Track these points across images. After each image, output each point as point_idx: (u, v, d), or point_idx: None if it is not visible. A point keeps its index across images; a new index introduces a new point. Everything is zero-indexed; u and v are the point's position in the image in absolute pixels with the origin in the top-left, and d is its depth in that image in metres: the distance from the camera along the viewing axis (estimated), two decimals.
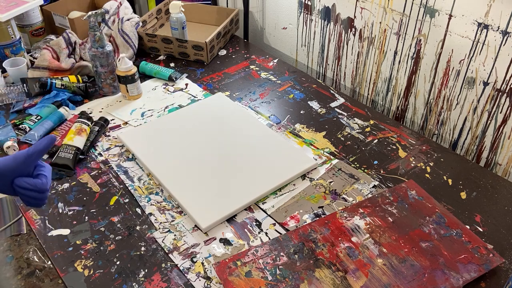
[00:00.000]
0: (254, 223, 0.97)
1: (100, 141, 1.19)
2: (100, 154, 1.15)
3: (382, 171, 1.10)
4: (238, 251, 0.90)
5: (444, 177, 1.08)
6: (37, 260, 1.60)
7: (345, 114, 1.30)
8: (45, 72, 1.37)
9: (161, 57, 1.58)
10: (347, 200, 1.02)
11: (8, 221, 1.89)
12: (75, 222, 0.97)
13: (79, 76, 1.39)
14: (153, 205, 1.01)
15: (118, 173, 1.09)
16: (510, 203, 1.01)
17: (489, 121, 1.17)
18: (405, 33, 1.27)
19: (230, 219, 0.98)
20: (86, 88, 1.35)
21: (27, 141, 1.17)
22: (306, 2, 1.52)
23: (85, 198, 1.03)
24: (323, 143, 1.19)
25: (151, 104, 1.34)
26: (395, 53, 1.33)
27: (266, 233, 0.94)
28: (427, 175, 1.09)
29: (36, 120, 1.22)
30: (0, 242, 1.80)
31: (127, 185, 1.06)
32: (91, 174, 1.09)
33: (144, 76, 1.46)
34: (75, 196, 1.03)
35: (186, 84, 1.43)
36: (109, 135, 1.22)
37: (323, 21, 1.50)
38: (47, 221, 0.97)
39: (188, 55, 1.54)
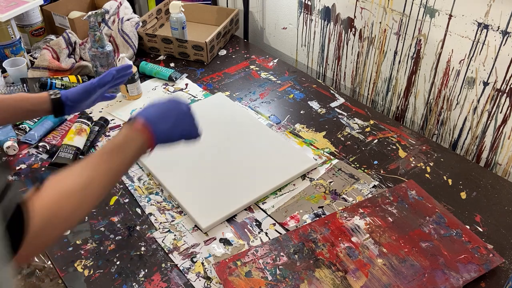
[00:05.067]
0: (254, 223, 0.97)
1: (100, 141, 1.19)
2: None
3: (382, 171, 1.10)
4: (238, 251, 0.90)
5: (444, 177, 1.08)
6: (37, 260, 1.60)
7: (345, 114, 1.30)
8: (45, 72, 1.37)
9: (161, 57, 1.58)
10: (347, 200, 1.02)
11: None
12: None
13: (79, 76, 1.39)
14: (153, 205, 1.01)
15: None
16: (510, 203, 1.01)
17: (489, 121, 1.17)
18: (405, 33, 1.27)
19: (230, 219, 0.98)
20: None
21: (27, 141, 1.17)
22: (306, 2, 1.52)
23: None
24: (323, 143, 1.19)
25: None
26: (395, 53, 1.33)
27: (266, 233, 0.94)
28: (427, 175, 1.09)
29: (36, 120, 1.22)
30: None
31: (127, 185, 1.06)
32: None
33: (144, 76, 1.46)
34: None
35: (186, 84, 1.43)
36: (109, 135, 1.22)
37: (323, 21, 1.50)
38: None
39: (188, 55, 1.54)
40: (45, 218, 0.53)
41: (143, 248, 0.92)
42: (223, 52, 1.61)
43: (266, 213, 0.99)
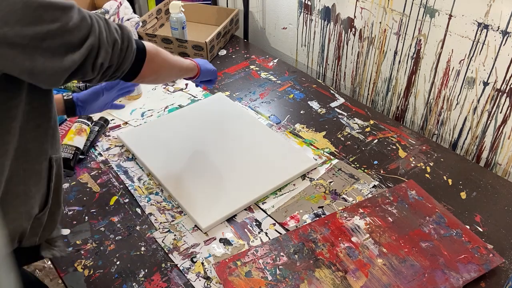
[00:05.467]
0: (254, 223, 0.97)
1: (100, 141, 1.19)
2: (100, 154, 1.15)
3: (382, 171, 1.10)
4: (238, 251, 0.90)
5: (444, 177, 1.08)
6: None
7: (345, 114, 1.30)
8: None
9: None
10: (347, 200, 1.02)
11: None
12: (75, 222, 0.97)
13: None
14: (153, 205, 1.01)
15: (118, 173, 1.09)
16: (510, 203, 1.01)
17: (489, 121, 1.17)
18: (405, 33, 1.27)
19: (230, 219, 0.98)
20: (86, 88, 1.35)
21: None
22: (306, 2, 1.52)
23: (85, 198, 1.03)
24: (323, 143, 1.19)
25: (151, 104, 1.34)
26: (395, 53, 1.33)
27: (266, 233, 0.94)
28: (427, 175, 1.09)
29: None
30: None
31: (127, 185, 1.06)
32: (91, 174, 1.09)
33: None
34: (75, 196, 1.03)
35: (186, 84, 1.43)
36: (109, 135, 1.22)
37: (323, 21, 1.50)
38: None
39: (188, 55, 1.54)
40: (153, 52, 0.78)
41: (143, 248, 0.92)
42: (223, 52, 1.61)
43: (266, 213, 0.99)
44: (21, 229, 0.68)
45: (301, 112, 1.31)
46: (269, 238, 0.93)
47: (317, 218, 0.97)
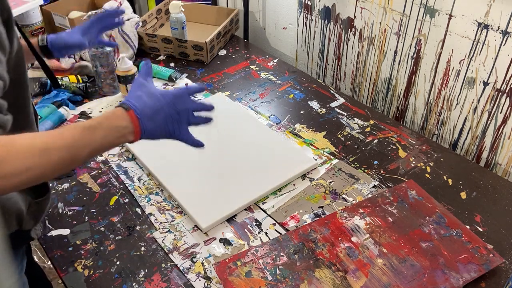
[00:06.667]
0: (254, 223, 0.97)
1: None
2: (100, 154, 1.15)
3: (382, 171, 1.10)
4: (238, 251, 0.90)
5: (444, 177, 1.08)
6: (37, 260, 1.60)
7: (345, 114, 1.30)
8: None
9: (161, 57, 1.58)
10: (347, 200, 1.02)
11: None
12: (75, 222, 0.97)
13: (79, 76, 1.39)
14: (153, 205, 1.01)
15: (118, 173, 1.09)
16: (510, 203, 1.01)
17: (489, 121, 1.17)
18: (405, 33, 1.27)
19: (230, 219, 0.98)
20: (86, 88, 1.35)
21: None
22: (306, 2, 1.52)
23: (85, 198, 1.03)
24: (323, 143, 1.19)
25: None
26: (395, 53, 1.33)
27: (266, 233, 0.94)
28: (427, 175, 1.09)
29: None
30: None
31: (127, 185, 1.06)
32: (91, 174, 1.09)
33: None
34: (75, 196, 1.03)
35: (186, 84, 1.43)
36: None
37: (323, 21, 1.50)
38: (47, 221, 0.97)
39: (188, 55, 1.54)
40: None
41: (143, 248, 0.92)
42: (223, 52, 1.61)
43: (266, 213, 0.99)
44: (19, 211, 0.73)
45: (301, 112, 1.31)
46: (269, 238, 0.93)
47: (317, 218, 0.97)
